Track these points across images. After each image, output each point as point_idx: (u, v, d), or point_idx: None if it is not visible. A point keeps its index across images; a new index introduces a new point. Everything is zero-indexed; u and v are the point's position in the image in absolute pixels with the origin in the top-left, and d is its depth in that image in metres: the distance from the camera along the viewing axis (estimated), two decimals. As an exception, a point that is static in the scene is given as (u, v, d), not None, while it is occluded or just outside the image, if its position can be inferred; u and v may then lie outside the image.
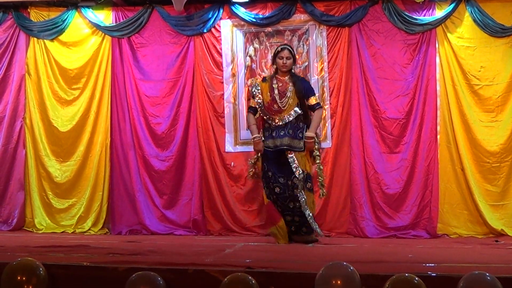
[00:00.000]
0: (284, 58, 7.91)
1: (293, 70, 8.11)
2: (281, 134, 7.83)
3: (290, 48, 8.06)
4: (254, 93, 8.11)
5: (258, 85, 8.16)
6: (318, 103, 8.02)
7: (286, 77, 7.98)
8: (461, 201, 8.84)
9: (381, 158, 8.96)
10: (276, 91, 7.88)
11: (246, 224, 9.08)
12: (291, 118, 7.84)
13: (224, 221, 9.14)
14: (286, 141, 7.80)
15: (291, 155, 7.76)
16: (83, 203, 9.36)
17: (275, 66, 8.11)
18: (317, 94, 8.35)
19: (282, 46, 8.08)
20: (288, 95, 7.86)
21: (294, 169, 7.71)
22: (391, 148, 8.96)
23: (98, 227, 9.33)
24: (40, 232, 9.29)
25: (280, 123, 7.85)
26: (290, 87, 7.89)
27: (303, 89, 7.94)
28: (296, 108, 7.86)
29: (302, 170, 7.74)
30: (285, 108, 7.86)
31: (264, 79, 8.17)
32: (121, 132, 9.41)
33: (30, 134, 9.54)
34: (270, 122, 7.92)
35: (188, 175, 9.29)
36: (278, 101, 7.85)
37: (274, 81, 7.96)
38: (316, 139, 7.96)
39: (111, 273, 4.65)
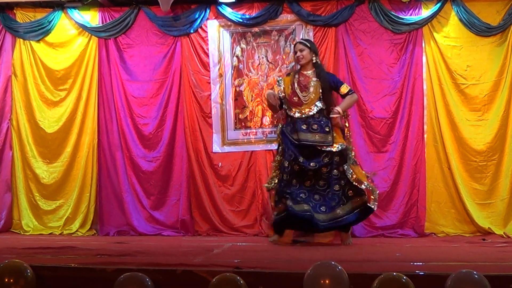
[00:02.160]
0: (298, 51, 7.63)
1: (318, 61, 7.74)
2: (303, 128, 7.45)
3: (302, 41, 7.82)
4: (278, 87, 7.75)
5: (281, 80, 7.82)
6: (350, 89, 7.72)
7: (310, 71, 7.65)
8: (449, 200, 8.88)
9: (369, 157, 8.98)
10: (296, 85, 7.56)
11: (234, 224, 9.08)
12: (311, 113, 7.49)
13: (212, 222, 9.13)
14: (315, 138, 7.43)
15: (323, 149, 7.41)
16: (71, 204, 9.33)
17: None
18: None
19: (296, 42, 7.95)
20: (311, 89, 7.54)
21: (330, 148, 7.41)
22: (378, 148, 9.00)
23: (85, 228, 9.31)
24: (28, 233, 9.25)
25: (301, 116, 7.49)
26: (314, 80, 7.57)
27: (331, 82, 7.66)
28: (318, 102, 7.52)
29: (340, 144, 7.46)
30: (307, 101, 7.52)
31: (288, 74, 7.97)
32: (108, 133, 9.39)
33: (16, 136, 9.50)
34: (291, 114, 7.56)
35: (175, 176, 9.29)
36: (299, 94, 7.53)
37: (297, 76, 7.65)
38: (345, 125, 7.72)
39: (99, 274, 4.63)
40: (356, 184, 7.38)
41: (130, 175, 9.30)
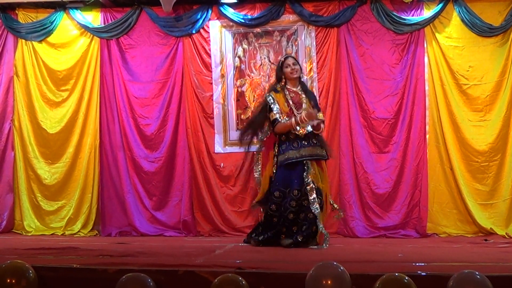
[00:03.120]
0: (291, 65, 7.30)
1: (303, 78, 7.66)
2: (305, 144, 7.16)
3: (293, 56, 7.59)
4: (271, 103, 7.25)
5: (273, 98, 7.27)
6: (323, 121, 7.36)
7: (298, 88, 7.37)
8: (451, 200, 8.88)
9: (371, 158, 8.99)
10: (291, 102, 7.26)
11: (236, 224, 9.09)
12: (309, 129, 7.18)
13: (214, 222, 9.14)
14: (315, 151, 7.19)
15: (306, 168, 7.11)
16: (73, 205, 9.34)
17: (283, 80, 7.35)
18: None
19: (284, 56, 7.55)
20: (304, 106, 7.26)
21: (306, 179, 7.06)
22: (380, 148, 9.00)
23: (87, 229, 9.32)
24: (30, 234, 9.26)
25: (301, 133, 7.16)
26: (303, 97, 7.31)
27: (314, 101, 7.45)
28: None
29: (313, 182, 7.08)
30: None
31: (276, 90, 7.36)
32: (110, 133, 9.40)
33: (18, 136, 9.51)
34: (289, 134, 7.20)
35: (177, 176, 9.30)
36: (295, 112, 7.20)
37: (287, 92, 7.31)
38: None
39: (101, 275, 4.63)
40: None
41: (132, 176, 9.30)
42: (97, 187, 9.37)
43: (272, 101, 7.27)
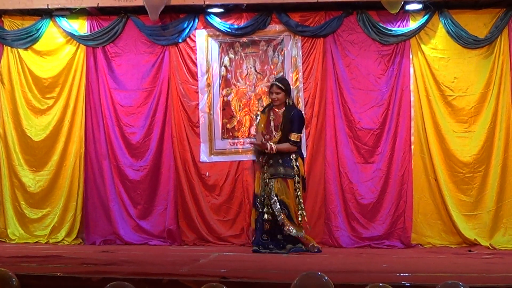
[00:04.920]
0: (274, 94, 8.11)
1: (290, 102, 8.21)
2: (270, 162, 8.02)
3: (278, 84, 8.13)
4: (255, 123, 8.54)
5: (259, 115, 8.44)
6: (295, 142, 8.02)
7: (281, 110, 8.16)
8: (435, 211, 8.90)
9: (356, 168, 9.00)
10: (272, 123, 8.14)
11: (221, 234, 9.07)
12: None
13: (199, 231, 9.12)
14: (279, 171, 7.97)
15: (272, 183, 7.96)
16: (57, 213, 9.28)
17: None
18: (302, 133, 8.34)
19: (272, 82, 8.33)
20: (281, 128, 8.06)
21: (272, 195, 7.93)
22: (365, 158, 9.01)
23: (71, 237, 9.26)
24: (13, 242, 9.20)
25: (273, 152, 7.97)
26: (281, 121, 8.08)
27: (290, 123, 8.03)
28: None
29: (281, 199, 7.89)
30: (279, 138, 8.05)
31: (263, 110, 8.41)
32: (95, 141, 9.36)
33: (3, 144, 9.45)
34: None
35: (162, 185, 9.27)
36: (274, 132, 8.10)
37: (271, 113, 8.22)
38: (298, 171, 8.03)
39: (85, 284, 4.62)
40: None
41: (117, 184, 9.26)
42: (81, 195, 9.32)
43: (256, 121, 8.48)
